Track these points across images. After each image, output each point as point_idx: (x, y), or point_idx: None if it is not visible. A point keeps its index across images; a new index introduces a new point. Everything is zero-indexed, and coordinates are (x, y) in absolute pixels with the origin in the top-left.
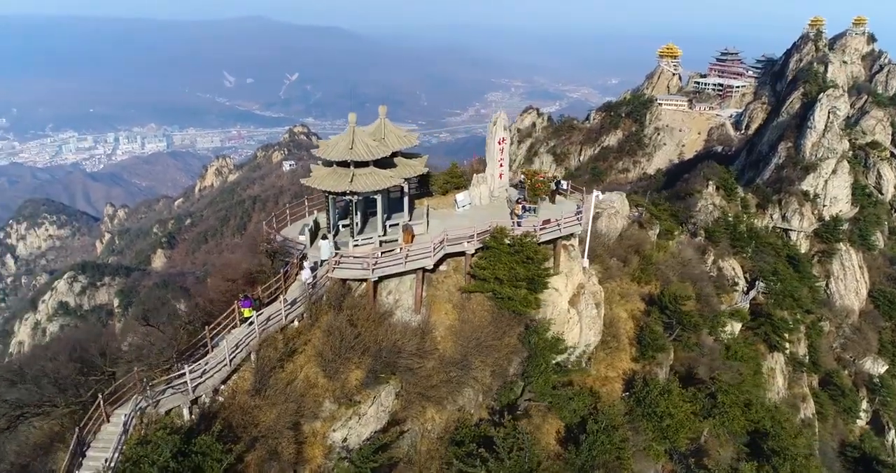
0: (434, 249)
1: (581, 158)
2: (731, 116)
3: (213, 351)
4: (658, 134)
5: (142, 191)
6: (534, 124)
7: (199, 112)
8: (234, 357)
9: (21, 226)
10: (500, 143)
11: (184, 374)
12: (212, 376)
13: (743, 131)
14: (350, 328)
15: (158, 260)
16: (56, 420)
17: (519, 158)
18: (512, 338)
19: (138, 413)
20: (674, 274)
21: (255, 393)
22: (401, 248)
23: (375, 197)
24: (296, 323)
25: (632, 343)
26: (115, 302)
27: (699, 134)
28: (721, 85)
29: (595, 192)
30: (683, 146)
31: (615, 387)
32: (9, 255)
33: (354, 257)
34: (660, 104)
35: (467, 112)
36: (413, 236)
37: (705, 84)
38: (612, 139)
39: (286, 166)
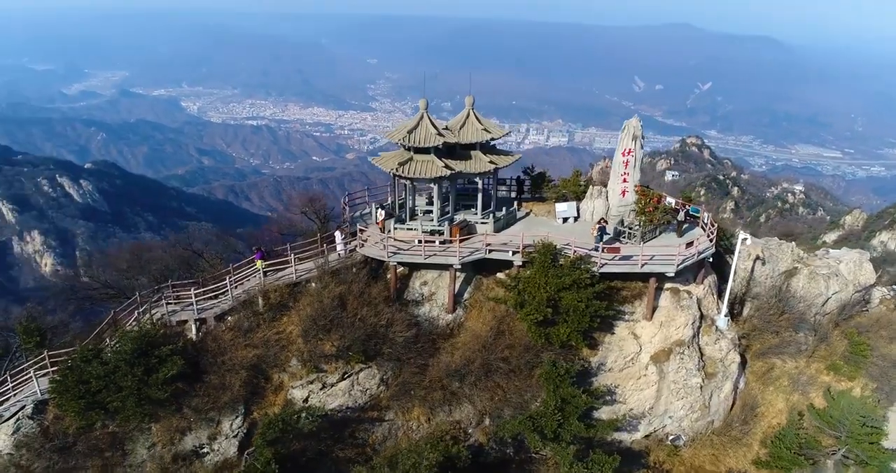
0: (460, 250)
1: None
2: None
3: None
4: None
5: None
6: None
7: (603, 113)
8: (239, 296)
9: None
10: (624, 155)
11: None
12: (217, 305)
13: None
14: (332, 300)
15: None
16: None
17: None
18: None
19: (150, 314)
20: None
21: (238, 329)
22: (443, 242)
23: (432, 185)
24: (313, 284)
25: (766, 442)
26: None
27: None
28: None
29: (742, 235)
30: None
31: None
32: None
33: (397, 240)
34: None
35: None
36: (466, 233)
37: None
38: None
39: (669, 176)
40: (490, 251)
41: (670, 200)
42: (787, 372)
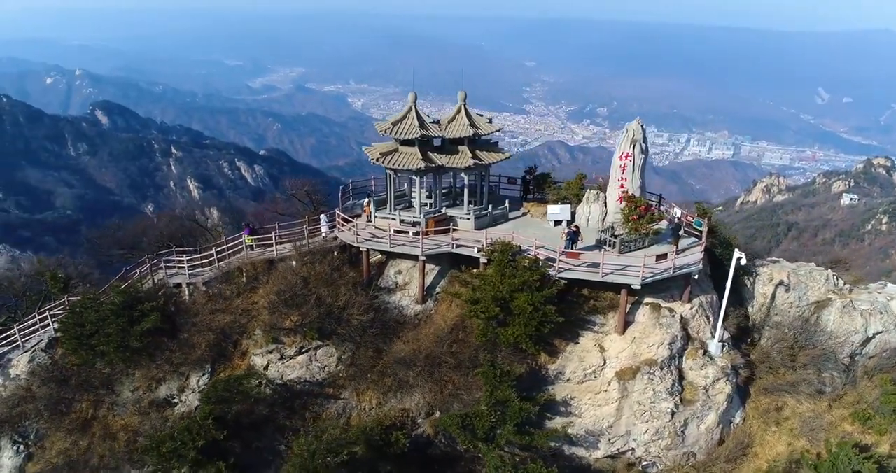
0: (425, 243)
1: None
2: None
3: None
4: None
5: (693, 193)
6: None
7: (777, 126)
8: (222, 266)
9: None
10: (622, 159)
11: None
12: (205, 272)
13: None
14: (297, 278)
15: None
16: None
17: None
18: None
19: (152, 275)
20: None
21: (217, 296)
22: (416, 233)
23: (413, 177)
24: (294, 262)
25: None
26: None
27: None
28: None
29: (738, 253)
30: None
31: None
32: None
33: (377, 228)
34: None
35: None
36: (443, 226)
37: None
38: None
39: (846, 199)
40: (457, 246)
41: (678, 210)
42: (799, 414)
